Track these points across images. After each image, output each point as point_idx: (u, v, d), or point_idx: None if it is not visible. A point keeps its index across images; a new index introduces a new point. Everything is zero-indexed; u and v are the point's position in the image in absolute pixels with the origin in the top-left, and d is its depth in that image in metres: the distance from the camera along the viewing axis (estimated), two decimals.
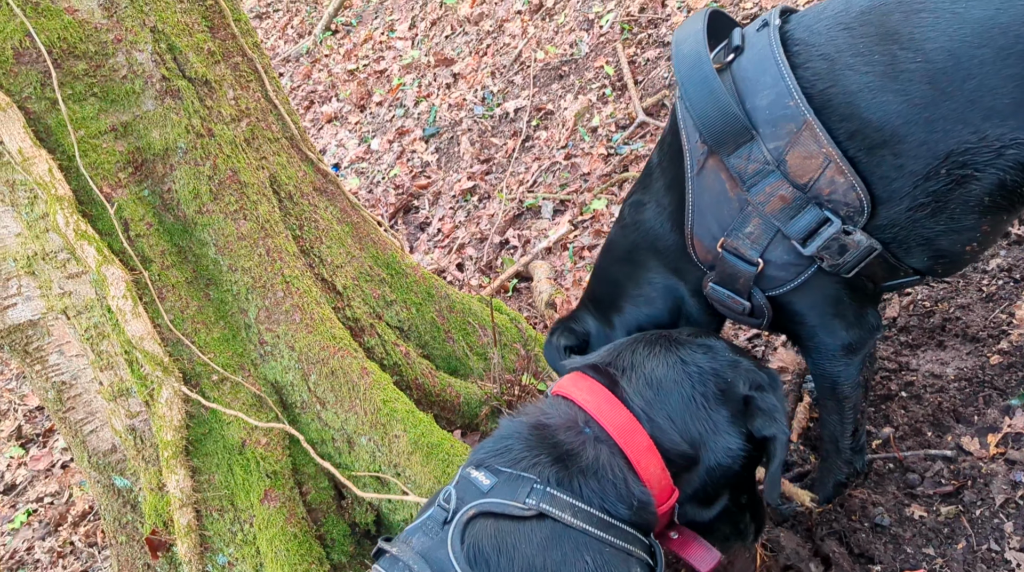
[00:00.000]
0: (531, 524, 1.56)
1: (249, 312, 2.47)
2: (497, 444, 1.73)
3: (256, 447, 2.38)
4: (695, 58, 1.85)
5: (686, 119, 1.90)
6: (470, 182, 5.32)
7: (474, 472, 1.67)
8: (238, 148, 2.49)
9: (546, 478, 1.61)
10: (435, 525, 1.61)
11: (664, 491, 1.71)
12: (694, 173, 1.91)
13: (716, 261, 1.95)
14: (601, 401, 1.74)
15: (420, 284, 3.02)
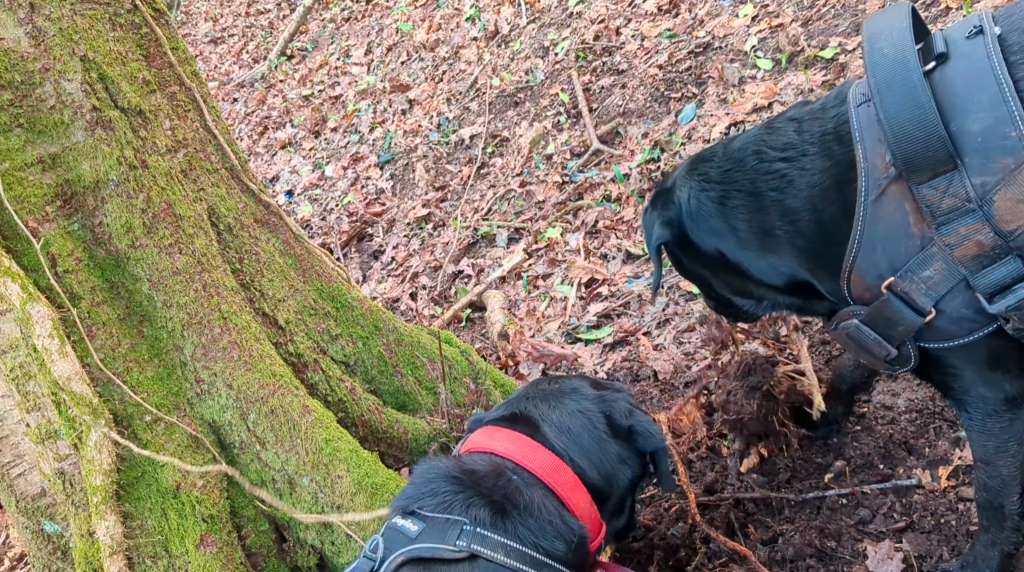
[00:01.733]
0: (463, 566, 1.54)
1: (185, 350, 2.38)
2: (421, 490, 1.70)
3: (192, 490, 2.29)
4: (900, 62, 1.57)
5: (869, 132, 1.63)
6: (425, 209, 5.27)
7: (400, 520, 1.64)
8: (174, 180, 2.41)
9: (479, 520, 1.60)
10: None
11: (594, 526, 1.78)
12: (870, 198, 1.62)
13: (874, 301, 1.70)
14: (525, 447, 1.78)
15: (367, 317, 2.95)
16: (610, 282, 3.85)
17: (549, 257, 4.25)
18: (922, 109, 1.53)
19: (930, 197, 1.55)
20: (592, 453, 1.85)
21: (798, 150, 1.77)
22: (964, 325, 1.63)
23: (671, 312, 3.49)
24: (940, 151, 1.52)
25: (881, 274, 1.64)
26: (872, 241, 1.63)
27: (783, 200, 1.79)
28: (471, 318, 4.19)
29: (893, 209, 1.60)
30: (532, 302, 4.03)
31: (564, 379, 2.08)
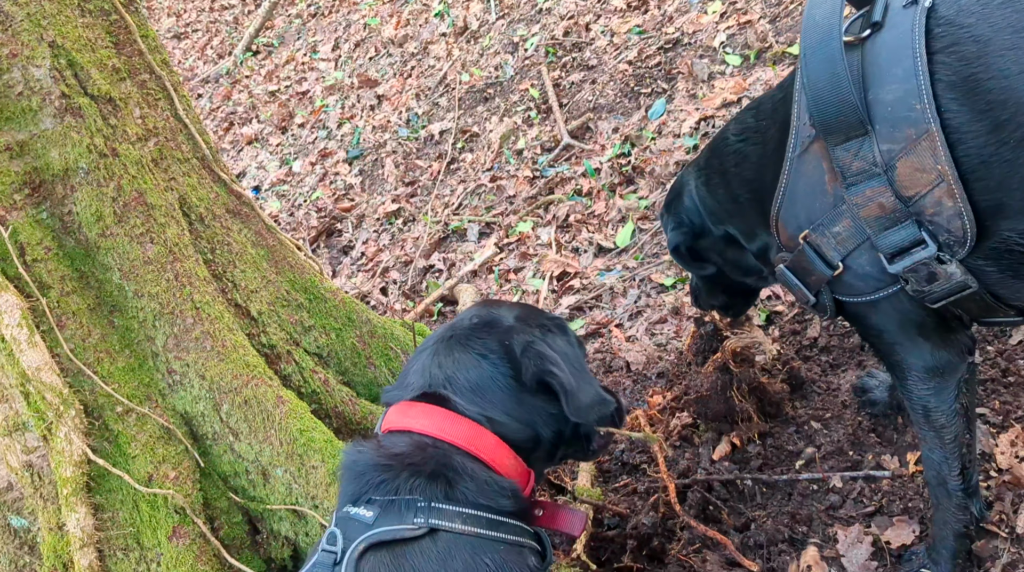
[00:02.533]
0: (425, 541, 1.55)
1: (156, 340, 2.35)
2: (363, 480, 1.67)
3: (164, 482, 2.26)
4: (825, 31, 1.64)
5: (800, 96, 1.73)
6: (395, 205, 5.26)
7: (353, 509, 1.62)
8: (145, 168, 2.38)
9: (430, 495, 1.60)
10: (324, 570, 1.55)
11: (522, 476, 1.76)
12: (795, 153, 1.74)
13: (795, 250, 1.82)
14: (439, 420, 1.73)
15: (340, 309, 2.94)
16: (582, 275, 3.86)
17: (521, 251, 4.26)
18: (837, 77, 1.61)
19: (843, 158, 1.65)
20: (506, 405, 1.77)
21: (753, 130, 1.95)
22: (869, 282, 1.74)
23: (643, 304, 3.52)
24: (852, 117, 1.61)
25: (800, 225, 1.77)
26: (794, 194, 1.76)
27: (741, 173, 1.99)
28: (443, 312, 4.19)
29: (812, 166, 1.71)
30: (504, 296, 4.04)
31: (489, 307, 1.93)
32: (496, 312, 1.90)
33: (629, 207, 4.07)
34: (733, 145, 2.01)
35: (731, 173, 2.03)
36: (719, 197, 2.11)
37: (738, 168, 2.00)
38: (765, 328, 3.11)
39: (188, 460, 2.34)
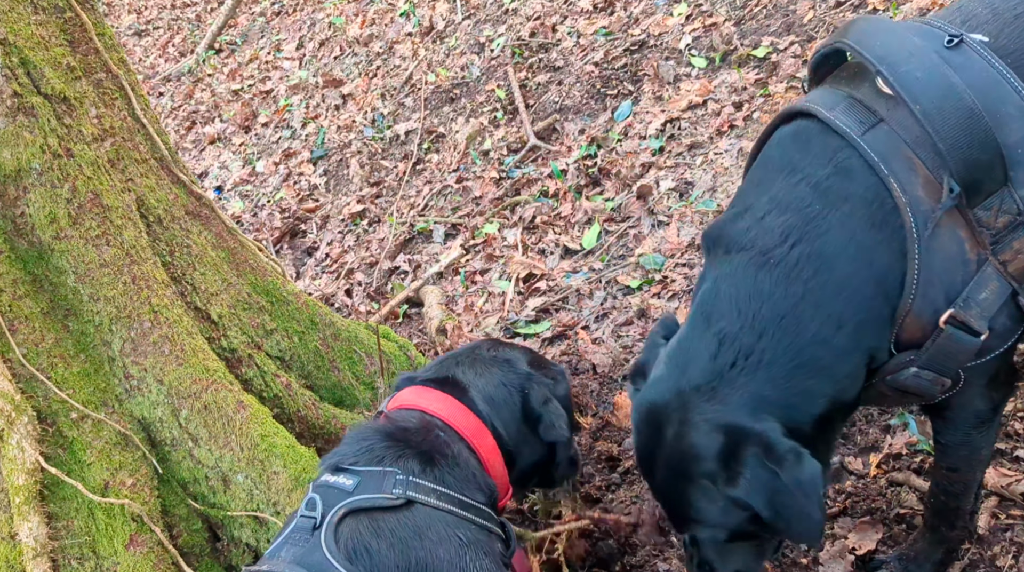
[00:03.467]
0: (402, 512, 1.64)
1: (113, 344, 2.30)
2: (354, 448, 1.79)
3: (120, 489, 2.21)
4: (945, 86, 1.45)
5: (896, 159, 1.48)
6: (360, 206, 5.21)
7: (332, 477, 1.71)
8: (101, 169, 2.33)
9: (410, 470, 1.71)
10: (304, 534, 1.61)
11: (504, 487, 1.95)
12: (924, 234, 1.46)
13: (927, 340, 1.54)
14: (453, 409, 1.92)
15: (303, 312, 2.90)
16: (548, 277, 3.86)
17: (487, 252, 4.24)
18: (977, 125, 1.45)
19: (985, 218, 1.48)
20: (509, 426, 2.00)
21: (801, 222, 1.55)
22: (1004, 336, 1.57)
23: (609, 306, 3.52)
24: (999, 171, 1.46)
25: (938, 310, 1.51)
26: (929, 278, 1.49)
27: (830, 279, 1.54)
28: (408, 314, 4.16)
29: (948, 239, 1.49)
30: (470, 297, 4.02)
31: (504, 348, 2.19)
32: (509, 353, 2.15)
33: (595, 209, 4.07)
34: (787, 256, 1.54)
35: (813, 292, 1.53)
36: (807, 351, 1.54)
37: (821, 276, 1.53)
38: None
39: (146, 467, 2.30)
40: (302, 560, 1.55)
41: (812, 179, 1.56)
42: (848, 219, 1.53)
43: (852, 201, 1.52)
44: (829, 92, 1.65)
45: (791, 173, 1.59)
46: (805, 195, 1.55)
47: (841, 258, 1.53)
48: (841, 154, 1.54)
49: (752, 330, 1.54)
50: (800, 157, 1.59)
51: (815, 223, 1.54)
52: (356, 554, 1.57)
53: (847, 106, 1.57)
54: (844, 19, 3.97)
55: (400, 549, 1.60)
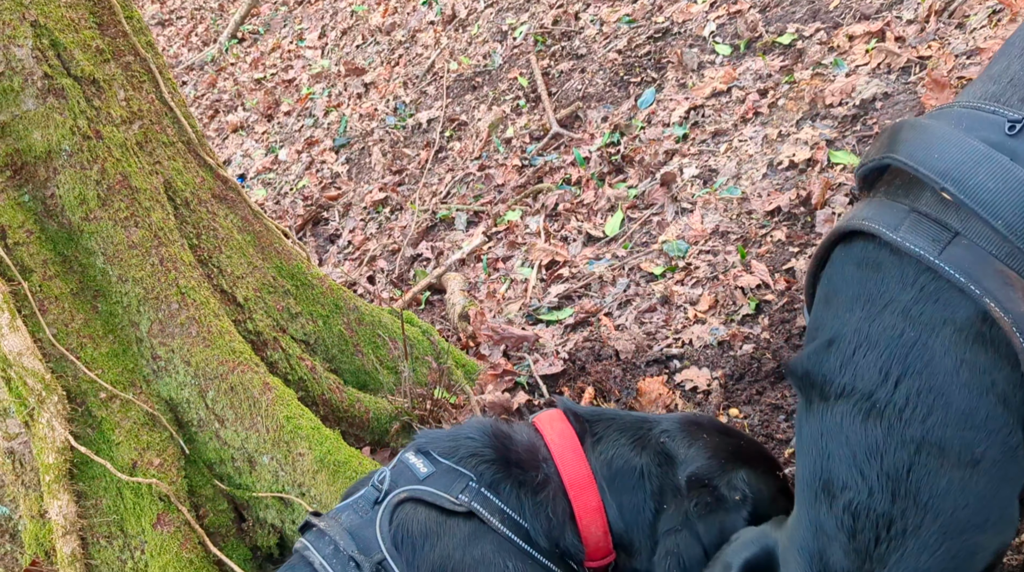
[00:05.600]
0: (459, 519, 1.58)
1: (141, 325, 2.32)
2: (451, 436, 1.72)
3: (148, 469, 2.24)
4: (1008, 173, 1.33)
5: (988, 276, 1.32)
6: (382, 193, 5.22)
7: (412, 458, 1.68)
8: (129, 151, 2.35)
9: (483, 477, 1.61)
10: (366, 504, 1.61)
11: (600, 550, 1.66)
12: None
13: None
14: (567, 448, 1.68)
15: (327, 296, 2.91)
16: (571, 264, 3.85)
17: (509, 240, 4.24)
18: None
19: None
20: (625, 511, 1.66)
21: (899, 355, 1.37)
22: None
23: (632, 293, 3.50)
24: None
25: None
26: None
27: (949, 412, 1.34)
28: (430, 301, 4.16)
29: None
30: (492, 284, 4.01)
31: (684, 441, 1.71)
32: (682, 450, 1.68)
33: (618, 196, 4.05)
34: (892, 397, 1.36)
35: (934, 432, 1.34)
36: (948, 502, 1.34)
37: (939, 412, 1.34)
38: (755, 317, 3.11)
39: (173, 447, 2.32)
40: (355, 531, 1.58)
41: (898, 306, 1.39)
42: (951, 344, 1.34)
43: (949, 325, 1.34)
44: (887, 207, 1.46)
45: (870, 302, 1.42)
46: (895, 323, 1.38)
47: (954, 386, 1.33)
48: (922, 278, 1.38)
49: (883, 494, 1.34)
50: (875, 286, 1.43)
51: (915, 353, 1.35)
52: (403, 544, 1.56)
53: (913, 223, 1.40)
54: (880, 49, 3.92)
55: (442, 555, 1.55)
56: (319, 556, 1.55)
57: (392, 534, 1.55)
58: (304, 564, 1.58)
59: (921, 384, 1.33)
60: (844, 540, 1.36)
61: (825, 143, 3.56)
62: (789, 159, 3.61)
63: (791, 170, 3.61)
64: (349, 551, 1.53)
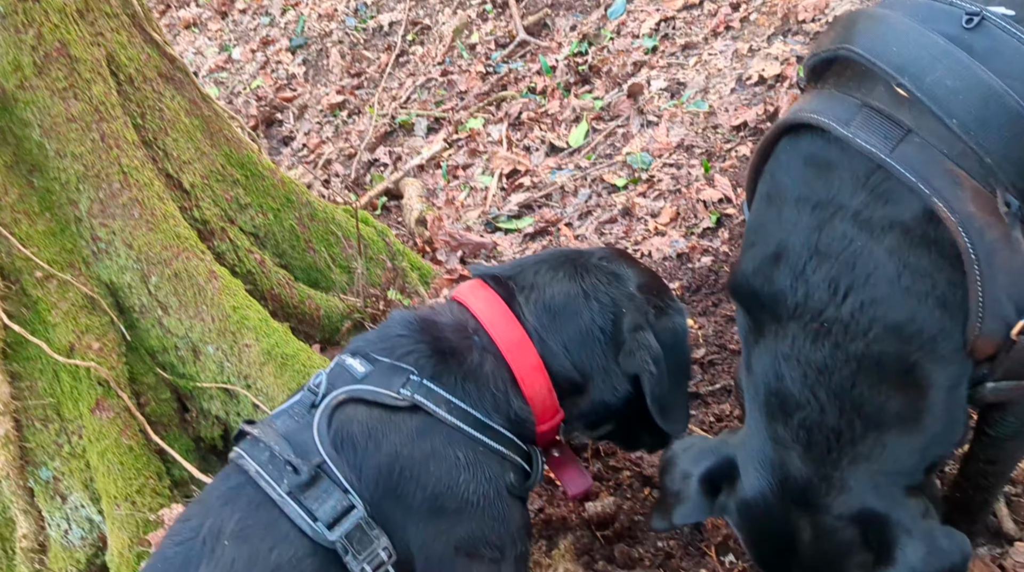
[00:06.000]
0: (403, 415, 1.52)
1: (80, 204, 2.20)
2: (381, 334, 1.66)
3: (87, 352, 2.15)
4: (965, 70, 1.31)
5: (937, 175, 1.31)
6: (339, 96, 5.05)
7: (349, 359, 1.60)
8: (68, 18, 2.18)
9: (423, 370, 1.56)
10: (302, 409, 1.55)
11: (547, 411, 1.65)
12: (982, 253, 1.31)
13: (1005, 353, 1.40)
14: (495, 314, 1.65)
15: (279, 188, 2.80)
16: (533, 173, 3.77)
17: (470, 147, 4.13)
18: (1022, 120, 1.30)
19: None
20: (573, 344, 1.66)
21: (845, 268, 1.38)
22: None
23: (593, 204, 3.45)
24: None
25: (1009, 323, 1.37)
26: (996, 297, 1.35)
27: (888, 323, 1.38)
28: (387, 206, 4.07)
29: (1010, 253, 1.34)
30: (451, 191, 3.93)
31: (623, 262, 1.77)
32: (624, 269, 1.73)
33: (584, 107, 3.96)
34: (839, 313, 1.38)
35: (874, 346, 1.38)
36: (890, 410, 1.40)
37: (878, 326, 1.37)
38: (715, 230, 3.08)
39: (113, 332, 2.23)
40: (291, 436, 1.50)
41: (847, 211, 1.38)
42: (896, 248, 1.35)
43: (897, 228, 1.35)
44: (838, 100, 1.44)
45: (820, 207, 1.41)
46: (845, 231, 1.38)
47: (895, 295, 1.36)
48: (873, 178, 1.36)
49: (832, 409, 1.40)
50: (824, 187, 1.41)
51: (862, 263, 1.37)
52: (343, 445, 1.49)
53: (865, 118, 1.38)
54: None
55: (388, 453, 1.49)
56: (254, 464, 1.48)
57: (331, 436, 1.49)
58: (239, 473, 1.51)
59: (865, 297, 1.36)
60: (800, 450, 1.43)
61: (796, 59, 3.50)
62: (759, 74, 3.55)
63: (760, 85, 3.55)
64: (285, 455, 1.45)
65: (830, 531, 1.44)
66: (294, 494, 1.43)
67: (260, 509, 1.45)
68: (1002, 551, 1.92)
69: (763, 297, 1.47)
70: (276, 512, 1.44)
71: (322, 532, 1.41)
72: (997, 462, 1.70)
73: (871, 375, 1.38)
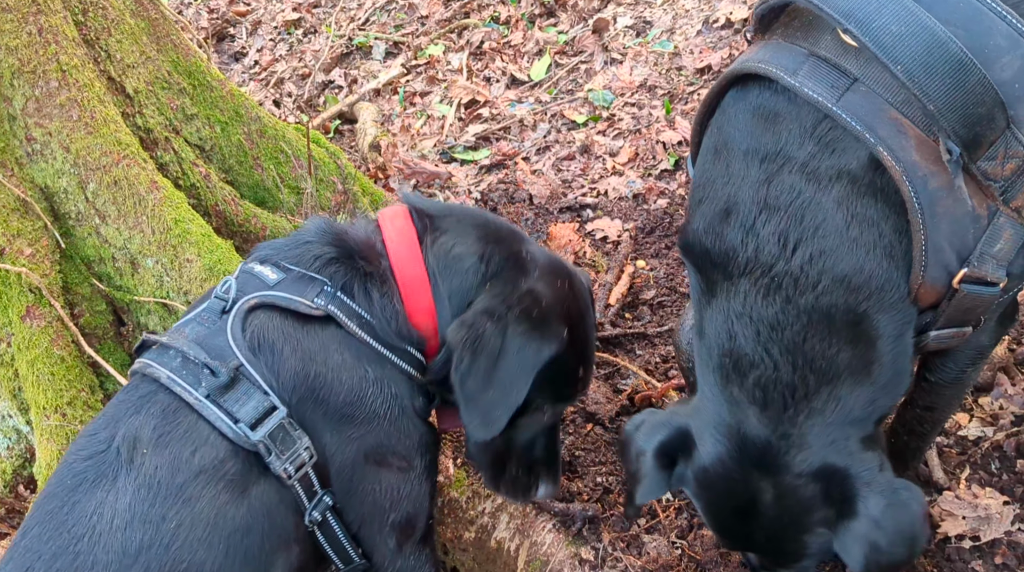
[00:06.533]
0: (316, 324, 1.51)
1: (15, 101, 2.08)
2: (294, 243, 1.63)
3: (18, 258, 2.05)
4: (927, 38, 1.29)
5: (881, 124, 1.32)
6: (295, 14, 4.87)
7: (258, 266, 1.58)
8: None
9: (339, 285, 1.55)
10: (211, 315, 1.51)
11: (432, 347, 1.63)
12: (924, 200, 1.31)
13: (947, 300, 1.42)
14: (403, 246, 1.62)
15: (227, 101, 2.68)
16: (492, 105, 3.69)
17: (429, 75, 4.03)
18: (980, 82, 1.29)
19: (991, 169, 1.34)
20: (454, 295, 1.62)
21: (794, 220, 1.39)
22: (1022, 278, 1.47)
23: (552, 139, 3.39)
24: (999, 118, 1.31)
25: (951, 271, 1.39)
26: (939, 245, 1.36)
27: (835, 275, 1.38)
28: (339, 130, 3.96)
29: (952, 201, 1.34)
30: (407, 118, 3.83)
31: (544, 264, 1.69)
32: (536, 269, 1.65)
33: (548, 40, 3.87)
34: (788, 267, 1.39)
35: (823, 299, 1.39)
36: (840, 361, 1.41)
37: (826, 278, 1.38)
38: (672, 173, 3.05)
39: (47, 238, 2.13)
40: (203, 341, 1.47)
41: (795, 162, 1.38)
42: (843, 198, 1.36)
43: (844, 178, 1.36)
44: (785, 50, 1.43)
45: (768, 159, 1.41)
46: (793, 184, 1.38)
47: (843, 245, 1.37)
48: (820, 128, 1.37)
49: (786, 365, 1.41)
50: (772, 139, 1.41)
51: (810, 214, 1.37)
52: (260, 349, 1.47)
53: (812, 68, 1.38)
54: None
55: (302, 359, 1.48)
56: (165, 370, 1.43)
57: (248, 340, 1.47)
58: (147, 381, 1.46)
59: (814, 249, 1.37)
60: (757, 411, 1.43)
61: None
62: (726, 17, 3.50)
63: (726, 29, 3.50)
64: (201, 359, 1.42)
65: (791, 490, 1.45)
66: (213, 397, 1.41)
67: (177, 414, 1.42)
68: (931, 500, 1.97)
69: (714, 255, 1.46)
70: (194, 416, 1.41)
71: (244, 433, 1.39)
72: (935, 409, 1.74)
73: (822, 328, 1.38)
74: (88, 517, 1.33)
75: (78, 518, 1.33)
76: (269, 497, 1.43)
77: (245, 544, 1.39)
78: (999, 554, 1.84)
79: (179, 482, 1.36)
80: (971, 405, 2.14)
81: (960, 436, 2.10)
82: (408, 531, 1.61)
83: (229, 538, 1.38)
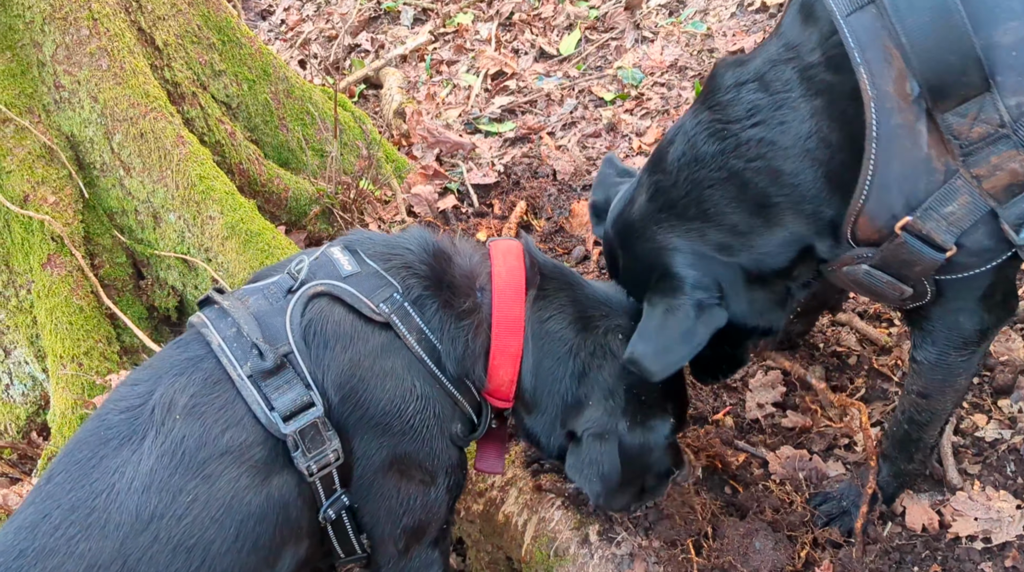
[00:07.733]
0: (374, 329, 1.46)
1: (45, 47, 2.07)
2: (387, 242, 1.57)
3: (42, 205, 2.05)
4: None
5: (873, 48, 1.35)
6: None
7: (338, 253, 1.52)
8: None
9: (409, 291, 1.49)
10: (278, 291, 1.47)
11: (501, 393, 1.60)
12: (882, 129, 1.37)
13: (887, 243, 1.47)
14: (510, 287, 1.57)
15: (256, 59, 2.67)
16: (519, 77, 3.65)
17: (457, 43, 3.99)
18: (951, 23, 1.30)
19: (957, 126, 1.35)
20: (542, 372, 1.60)
21: (771, 105, 1.49)
22: (984, 256, 1.47)
23: (578, 115, 3.36)
24: (974, 75, 1.31)
25: (895, 214, 1.42)
26: (886, 181, 1.40)
27: (771, 166, 1.50)
28: (365, 95, 3.93)
29: (910, 143, 1.37)
30: (433, 87, 3.80)
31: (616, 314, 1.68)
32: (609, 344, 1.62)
33: (579, 15, 3.83)
34: (741, 133, 1.51)
35: (750, 172, 1.52)
36: (732, 216, 1.57)
37: (763, 162, 1.50)
38: None
39: (71, 187, 2.13)
40: (262, 317, 1.43)
41: (800, 62, 1.47)
42: (819, 112, 1.45)
43: (830, 94, 1.43)
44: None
45: (787, 48, 1.49)
46: (789, 78, 1.48)
47: (794, 150, 1.48)
48: (831, 41, 1.41)
49: (678, 189, 1.60)
50: (798, 33, 1.48)
51: (785, 110, 1.48)
52: (313, 339, 1.43)
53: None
54: None
55: (351, 360, 1.44)
56: (218, 337, 1.40)
57: (303, 327, 1.43)
58: (199, 343, 1.43)
59: (767, 135, 1.49)
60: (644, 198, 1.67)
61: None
62: (761, 1, 3.44)
63: (761, 12, 3.45)
64: (253, 337, 1.38)
65: (636, 257, 1.70)
66: (255, 378, 1.37)
67: (217, 387, 1.39)
68: (943, 499, 1.96)
69: (715, 79, 1.59)
70: (233, 393, 1.38)
71: (276, 423, 1.36)
72: (928, 396, 1.74)
73: (730, 189, 1.54)
74: (111, 474, 1.31)
75: (102, 473, 1.32)
76: (288, 489, 1.40)
77: (256, 532, 1.37)
78: (1010, 557, 1.83)
79: (202, 457, 1.34)
80: (989, 407, 2.12)
81: (977, 437, 2.08)
82: (418, 535, 1.60)
83: (242, 523, 1.36)
